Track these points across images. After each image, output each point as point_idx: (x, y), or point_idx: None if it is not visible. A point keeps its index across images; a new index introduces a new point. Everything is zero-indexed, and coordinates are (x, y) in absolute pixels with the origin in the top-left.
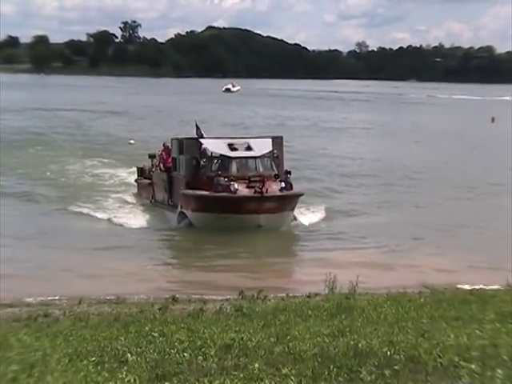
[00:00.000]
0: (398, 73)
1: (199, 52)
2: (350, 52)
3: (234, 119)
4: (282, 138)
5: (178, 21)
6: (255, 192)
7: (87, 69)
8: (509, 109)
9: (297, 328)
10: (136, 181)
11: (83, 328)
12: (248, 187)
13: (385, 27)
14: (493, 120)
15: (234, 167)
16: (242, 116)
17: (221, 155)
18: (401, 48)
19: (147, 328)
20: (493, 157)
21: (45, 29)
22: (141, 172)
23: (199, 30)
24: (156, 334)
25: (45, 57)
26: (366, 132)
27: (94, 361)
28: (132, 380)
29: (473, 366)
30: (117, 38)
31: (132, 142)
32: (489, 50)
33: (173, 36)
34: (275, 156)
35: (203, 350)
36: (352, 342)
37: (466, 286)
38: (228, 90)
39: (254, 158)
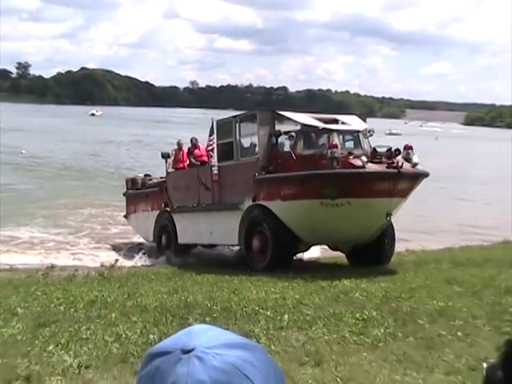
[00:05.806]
0: (221, 104)
1: (75, 86)
2: (185, 88)
3: (95, 136)
4: (364, 117)
5: (60, 62)
6: (388, 166)
7: None
8: None
9: (143, 288)
10: (125, 194)
11: None
12: (372, 162)
13: (211, 70)
14: None
15: (335, 142)
16: (101, 133)
17: (316, 127)
18: (222, 86)
19: (33, 289)
20: None
21: None
22: (132, 184)
23: (75, 70)
24: (39, 293)
25: None
26: None
27: None
28: (21, 327)
29: (268, 313)
30: (12, 74)
31: (24, 151)
32: (284, 89)
33: (55, 74)
34: (371, 134)
35: (74, 304)
36: (183, 298)
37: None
38: (93, 114)
39: (358, 131)
